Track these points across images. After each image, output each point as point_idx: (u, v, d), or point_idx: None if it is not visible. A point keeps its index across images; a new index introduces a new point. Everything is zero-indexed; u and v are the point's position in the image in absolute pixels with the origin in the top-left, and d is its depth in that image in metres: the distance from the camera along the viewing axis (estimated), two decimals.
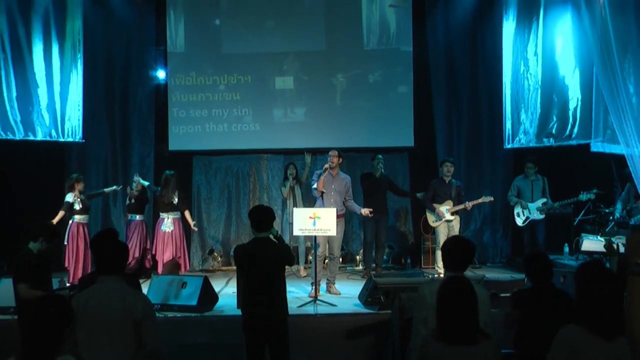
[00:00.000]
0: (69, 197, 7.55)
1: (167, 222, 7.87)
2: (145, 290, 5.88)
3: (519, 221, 8.27)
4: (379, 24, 8.99)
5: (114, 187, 8.19)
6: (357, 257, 9.02)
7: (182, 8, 9.09)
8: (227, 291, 7.29)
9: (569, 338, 2.81)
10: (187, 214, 8.07)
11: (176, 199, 7.94)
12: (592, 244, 7.53)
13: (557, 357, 2.82)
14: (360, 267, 8.66)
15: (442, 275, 7.29)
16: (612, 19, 6.73)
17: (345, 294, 6.98)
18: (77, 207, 7.58)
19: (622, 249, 4.61)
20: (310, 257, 7.53)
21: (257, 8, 9.01)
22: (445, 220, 7.80)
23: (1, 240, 8.33)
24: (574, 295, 3.25)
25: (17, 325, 4.80)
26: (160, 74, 9.24)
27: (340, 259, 8.76)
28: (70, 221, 7.66)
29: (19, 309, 4.98)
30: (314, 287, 6.66)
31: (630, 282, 2.02)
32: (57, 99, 8.26)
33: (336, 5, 8.99)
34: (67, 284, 6.58)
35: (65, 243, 7.55)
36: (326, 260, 7.39)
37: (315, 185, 7.16)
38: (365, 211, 7.29)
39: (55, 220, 7.52)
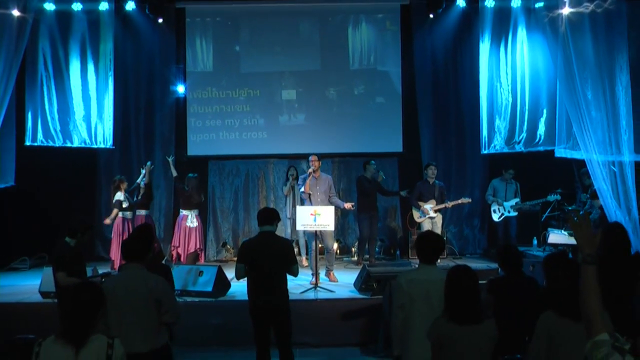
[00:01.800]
0: (119, 196, 7.51)
1: (191, 218, 7.89)
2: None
3: (495, 217, 8.32)
4: (360, 49, 9.34)
5: (143, 172, 7.92)
6: (353, 249, 9.05)
7: (211, 38, 9.31)
8: None
9: (546, 323, 2.79)
10: None
11: (203, 197, 8.04)
12: (557, 237, 7.60)
13: (538, 342, 2.80)
14: (356, 258, 8.69)
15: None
16: (572, 40, 6.74)
17: (342, 282, 6.99)
18: (125, 204, 7.60)
19: None
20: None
21: (268, 37, 9.32)
22: (429, 217, 7.86)
23: (43, 234, 8.43)
24: (544, 283, 3.25)
25: (57, 308, 4.87)
26: (180, 89, 9.27)
27: (338, 251, 8.83)
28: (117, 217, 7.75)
29: (58, 294, 5.05)
30: (314, 275, 6.67)
31: (583, 270, 2.08)
32: (92, 111, 8.31)
33: (328, 35, 9.36)
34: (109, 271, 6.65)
35: (112, 236, 7.60)
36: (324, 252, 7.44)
37: (302, 189, 7.20)
38: (347, 205, 7.35)
39: (111, 218, 7.48)
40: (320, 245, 7.28)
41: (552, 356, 2.74)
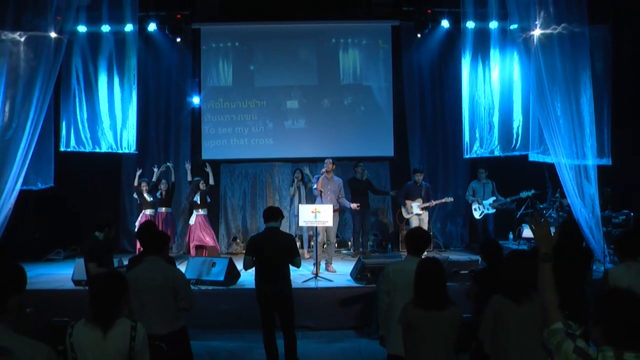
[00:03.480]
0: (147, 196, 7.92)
1: (192, 217, 8.00)
2: (183, 269, 5.98)
3: (476, 214, 8.36)
4: (348, 68, 9.50)
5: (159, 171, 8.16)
6: (349, 243, 9.08)
7: (231, 60, 9.46)
8: None
9: (493, 304, 2.92)
10: None
11: (208, 199, 8.09)
12: (531, 232, 7.61)
13: (486, 319, 2.93)
14: (352, 251, 8.73)
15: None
16: (543, 58, 6.78)
17: (340, 272, 7.01)
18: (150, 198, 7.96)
19: None
20: (312, 243, 7.61)
21: (275, 58, 9.48)
22: (416, 214, 7.91)
23: (75, 229, 8.49)
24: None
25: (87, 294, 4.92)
26: (195, 100, 9.33)
27: (336, 245, 8.84)
28: (141, 213, 7.87)
29: (89, 282, 5.09)
30: (315, 266, 6.72)
31: (540, 268, 2.15)
32: (117, 120, 8.33)
33: (323, 57, 9.53)
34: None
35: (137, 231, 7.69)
36: (325, 245, 7.48)
37: (315, 186, 7.24)
38: (354, 206, 7.40)
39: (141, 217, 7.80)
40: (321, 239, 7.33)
41: (497, 332, 2.90)
